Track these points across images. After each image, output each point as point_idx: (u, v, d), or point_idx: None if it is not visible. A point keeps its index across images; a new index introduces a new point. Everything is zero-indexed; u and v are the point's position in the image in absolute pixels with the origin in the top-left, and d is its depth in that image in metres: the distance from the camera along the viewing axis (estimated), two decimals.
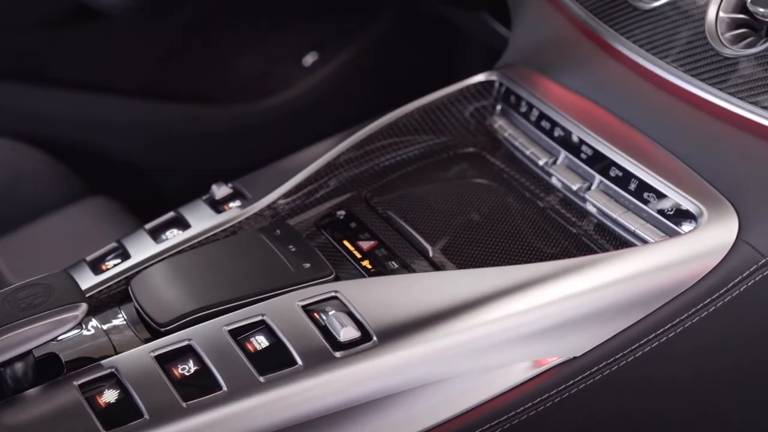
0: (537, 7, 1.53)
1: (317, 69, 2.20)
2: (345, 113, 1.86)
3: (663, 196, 1.24)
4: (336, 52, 2.20)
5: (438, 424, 1.13)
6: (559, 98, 1.40)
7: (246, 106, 2.12)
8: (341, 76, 2.20)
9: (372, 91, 2.23)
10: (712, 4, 1.29)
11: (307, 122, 2.11)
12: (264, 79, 2.16)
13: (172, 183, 2.03)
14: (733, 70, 1.25)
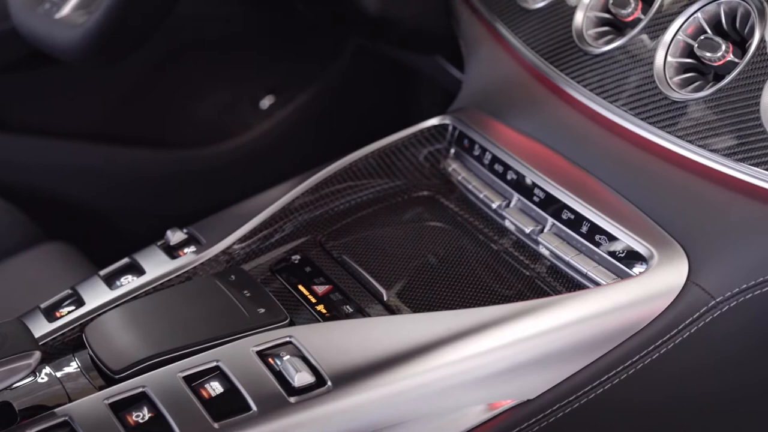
0: (488, 51, 1.54)
1: (274, 112, 2.21)
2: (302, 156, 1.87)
3: (614, 239, 1.25)
4: (293, 95, 2.21)
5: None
6: (511, 142, 1.41)
7: (203, 150, 2.12)
8: (298, 119, 2.21)
9: (329, 134, 2.24)
10: (660, 49, 1.31)
11: (264, 165, 2.12)
12: (221, 122, 2.17)
13: (129, 227, 2.03)
14: (682, 113, 1.27)
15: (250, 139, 2.17)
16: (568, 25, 1.43)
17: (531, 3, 1.49)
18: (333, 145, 1.72)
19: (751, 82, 1.22)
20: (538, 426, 1.18)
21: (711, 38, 1.27)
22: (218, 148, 2.13)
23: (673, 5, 1.33)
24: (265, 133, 2.18)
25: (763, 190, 1.18)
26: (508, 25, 1.51)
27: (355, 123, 2.22)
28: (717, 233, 1.20)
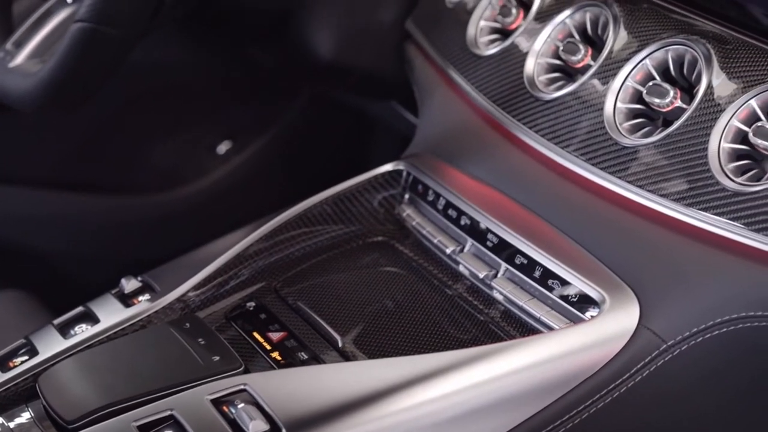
0: (442, 97, 1.56)
1: (231, 157, 2.21)
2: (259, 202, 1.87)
3: (567, 283, 1.26)
4: (250, 140, 2.22)
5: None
6: (464, 187, 1.43)
7: (160, 196, 2.12)
8: (255, 165, 2.21)
9: (286, 179, 2.25)
10: (609, 95, 1.33)
11: (220, 211, 2.12)
12: (178, 168, 2.17)
13: (86, 274, 2.02)
14: (632, 159, 1.29)
15: (207, 184, 2.17)
16: (520, 72, 1.44)
17: (483, 50, 1.51)
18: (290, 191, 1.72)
19: (698, 128, 1.23)
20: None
21: (659, 84, 1.28)
22: (175, 194, 2.13)
23: (622, 52, 1.34)
24: (222, 178, 2.18)
25: (711, 235, 1.19)
26: (461, 72, 1.52)
27: (312, 168, 2.23)
28: (667, 277, 1.21)
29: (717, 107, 1.23)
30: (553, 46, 1.43)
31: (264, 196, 2.17)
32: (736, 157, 1.21)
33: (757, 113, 1.21)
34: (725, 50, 1.26)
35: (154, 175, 2.13)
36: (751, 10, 1.26)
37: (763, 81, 1.21)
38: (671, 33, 1.32)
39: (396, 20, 1.69)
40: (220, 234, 1.49)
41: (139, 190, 2.10)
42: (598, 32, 1.40)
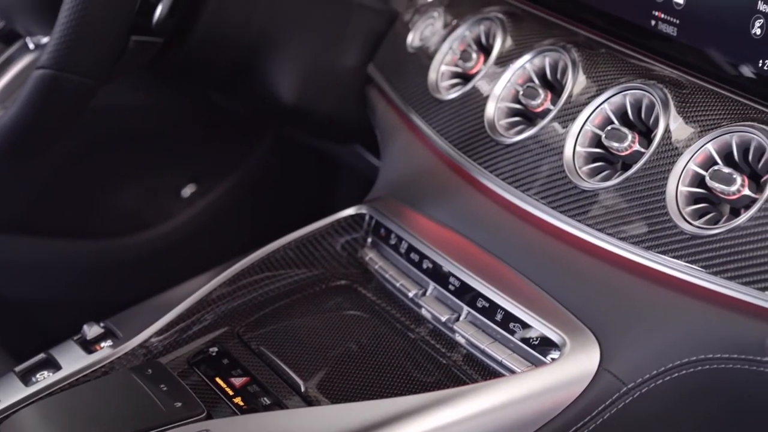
0: (404, 141, 1.57)
1: (196, 200, 2.21)
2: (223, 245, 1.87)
3: (528, 327, 1.27)
4: (215, 183, 2.22)
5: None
6: (426, 231, 1.43)
7: (123, 240, 2.11)
8: (220, 208, 2.21)
9: (251, 222, 2.25)
10: (569, 139, 1.34)
11: (185, 255, 2.11)
12: (141, 211, 2.16)
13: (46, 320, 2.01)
14: (591, 202, 1.30)
15: (171, 228, 2.17)
16: (481, 116, 1.45)
17: (444, 94, 1.52)
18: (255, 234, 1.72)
19: (656, 171, 1.25)
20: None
21: (618, 129, 1.30)
22: (139, 237, 2.13)
23: (581, 96, 1.36)
24: (186, 222, 2.18)
25: (670, 278, 1.20)
26: (423, 116, 1.53)
27: (277, 211, 2.23)
28: (627, 320, 1.22)
29: (674, 151, 1.25)
30: (513, 91, 1.45)
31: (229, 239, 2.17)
32: (694, 200, 1.23)
33: (713, 157, 1.22)
34: (682, 95, 1.28)
35: (117, 218, 2.13)
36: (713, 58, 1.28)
37: (719, 125, 1.23)
38: (629, 78, 1.34)
39: (358, 65, 1.70)
40: (184, 278, 1.49)
41: (102, 234, 2.10)
42: (558, 77, 1.42)
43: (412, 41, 1.63)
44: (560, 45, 1.42)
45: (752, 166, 1.21)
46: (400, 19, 1.70)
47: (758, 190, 1.18)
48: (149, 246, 2.13)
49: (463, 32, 1.56)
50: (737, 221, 1.16)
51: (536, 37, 1.47)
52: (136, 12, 1.43)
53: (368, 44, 1.70)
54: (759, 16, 1.22)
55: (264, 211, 2.25)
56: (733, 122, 1.22)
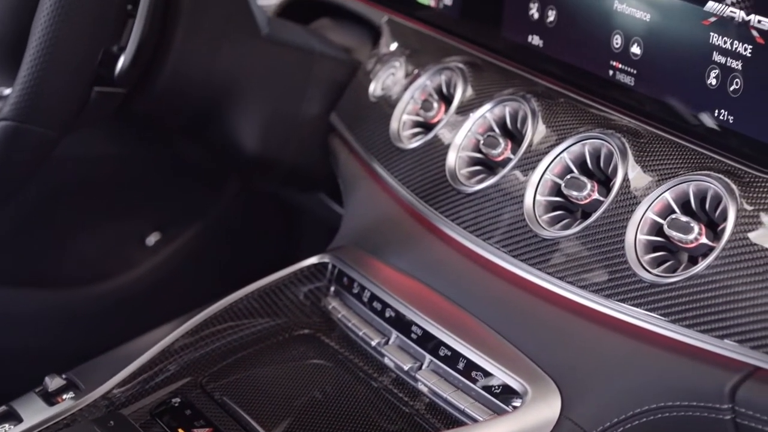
0: (366, 190, 1.58)
1: (160, 249, 2.20)
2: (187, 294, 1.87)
3: (489, 375, 1.27)
4: (179, 231, 2.22)
5: None
6: (389, 279, 1.44)
7: (86, 289, 2.10)
8: (185, 256, 2.21)
9: (216, 270, 2.24)
10: (529, 188, 1.35)
11: (149, 304, 2.11)
12: (105, 260, 2.16)
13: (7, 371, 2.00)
14: (552, 250, 1.31)
15: (135, 277, 2.16)
16: (442, 165, 1.46)
17: (406, 143, 1.53)
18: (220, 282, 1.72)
19: (615, 220, 1.26)
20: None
21: (577, 178, 1.31)
22: (102, 287, 2.12)
23: (541, 145, 1.37)
24: (150, 270, 2.18)
25: (630, 326, 1.21)
26: (385, 165, 1.54)
27: (241, 259, 2.23)
28: (588, 368, 1.23)
29: (633, 200, 1.26)
30: (473, 140, 1.46)
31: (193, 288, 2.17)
32: (653, 248, 1.24)
33: (671, 205, 1.23)
34: (640, 144, 1.30)
35: (80, 267, 2.12)
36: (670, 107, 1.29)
37: (676, 174, 1.24)
38: (588, 127, 1.35)
39: (320, 114, 1.71)
40: (148, 328, 1.48)
41: (65, 284, 2.09)
42: (518, 126, 1.43)
43: (374, 90, 1.64)
44: (520, 95, 1.44)
45: (709, 215, 1.22)
46: (363, 69, 1.71)
47: (715, 238, 1.19)
48: (113, 295, 2.13)
49: (424, 82, 1.57)
50: (695, 269, 1.18)
51: (496, 86, 1.48)
52: (99, 63, 1.43)
53: (330, 93, 1.72)
54: (714, 67, 1.24)
55: (228, 260, 2.25)
56: (690, 171, 1.24)
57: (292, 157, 1.73)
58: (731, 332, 1.13)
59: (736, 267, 1.15)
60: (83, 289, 2.10)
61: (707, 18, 1.24)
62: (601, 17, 1.36)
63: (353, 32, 1.82)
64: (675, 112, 1.29)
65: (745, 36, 1.20)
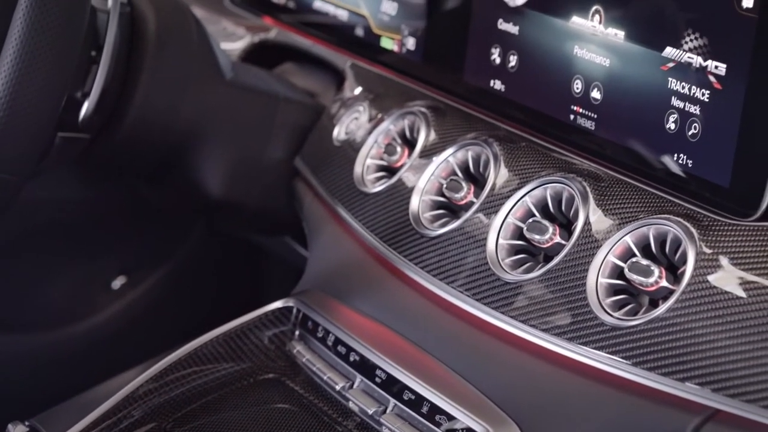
0: (331, 233, 1.58)
1: (126, 292, 2.20)
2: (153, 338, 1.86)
3: (453, 418, 1.28)
4: (145, 274, 2.21)
5: None
6: (353, 324, 1.44)
7: (50, 334, 2.10)
8: (150, 300, 2.21)
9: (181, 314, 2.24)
10: (491, 232, 1.36)
11: (114, 349, 2.10)
12: (70, 304, 2.15)
13: None
14: (515, 294, 1.31)
15: (100, 321, 2.16)
16: (405, 209, 1.47)
17: (370, 187, 1.54)
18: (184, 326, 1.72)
19: (577, 264, 1.27)
20: None
21: (539, 221, 1.32)
22: (67, 331, 2.11)
23: (503, 189, 1.38)
24: (116, 314, 2.17)
25: (592, 369, 1.22)
26: (349, 209, 1.55)
27: (207, 302, 2.23)
28: (551, 411, 1.23)
29: (594, 243, 1.27)
30: (437, 184, 1.47)
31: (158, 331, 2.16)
32: (614, 291, 1.25)
33: (632, 249, 1.24)
34: (600, 188, 1.31)
35: (44, 312, 2.11)
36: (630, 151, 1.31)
37: (636, 218, 1.25)
38: (549, 171, 1.36)
39: (285, 158, 1.72)
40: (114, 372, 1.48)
41: (28, 329, 2.08)
42: (480, 170, 1.44)
43: (338, 134, 1.65)
44: (482, 139, 1.45)
45: (669, 258, 1.23)
46: (327, 113, 1.72)
47: (675, 281, 1.20)
48: (78, 340, 2.12)
49: (387, 126, 1.58)
50: (656, 312, 1.19)
51: (459, 131, 1.50)
52: (62, 109, 1.43)
53: (295, 138, 1.72)
54: (673, 112, 1.25)
55: (194, 303, 2.25)
56: (650, 215, 1.25)
57: (256, 201, 1.73)
58: (692, 375, 1.14)
59: (696, 310, 1.16)
60: (48, 333, 2.09)
61: (665, 63, 1.26)
62: (562, 62, 1.38)
63: (317, 77, 1.83)
64: (635, 156, 1.30)
65: (702, 81, 1.22)
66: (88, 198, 2.12)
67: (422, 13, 1.60)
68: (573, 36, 1.36)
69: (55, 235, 2.11)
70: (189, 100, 1.63)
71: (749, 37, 1.17)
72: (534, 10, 1.41)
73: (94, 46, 1.52)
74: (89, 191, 2.11)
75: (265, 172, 1.72)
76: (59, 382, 1.81)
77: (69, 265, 2.15)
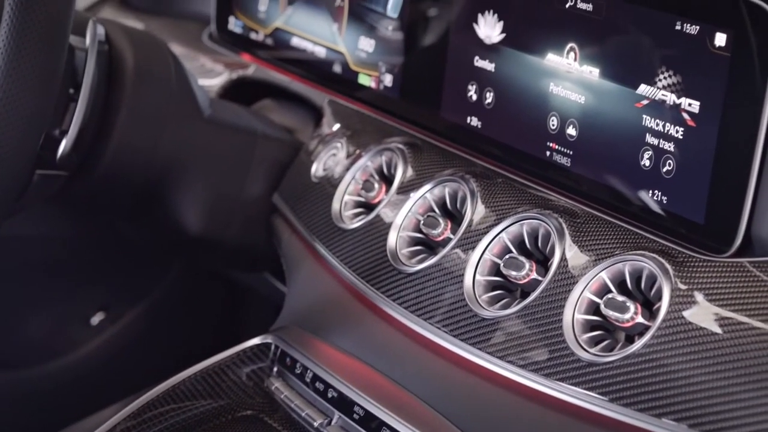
0: (309, 270, 1.58)
1: (105, 329, 2.20)
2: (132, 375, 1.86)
3: None
4: (123, 311, 2.21)
5: None
6: (331, 360, 1.44)
7: (29, 371, 2.09)
8: (129, 336, 2.20)
9: (161, 350, 2.24)
10: (469, 268, 1.37)
11: (93, 385, 2.09)
12: (49, 341, 2.14)
13: None
14: (492, 330, 1.32)
15: (79, 357, 2.15)
16: (383, 245, 1.48)
17: (348, 223, 1.54)
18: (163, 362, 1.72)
19: (553, 300, 1.27)
20: None
21: (515, 258, 1.33)
22: (45, 368, 2.10)
23: (480, 226, 1.39)
24: (95, 351, 2.17)
25: (570, 405, 1.22)
26: (327, 245, 1.55)
27: (186, 338, 2.22)
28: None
29: (571, 279, 1.27)
30: (414, 220, 1.47)
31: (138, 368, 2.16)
32: (590, 327, 1.25)
33: (607, 285, 1.25)
34: (576, 224, 1.32)
35: (23, 349, 2.10)
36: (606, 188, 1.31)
37: (612, 254, 1.26)
38: (526, 207, 1.37)
39: (263, 194, 1.72)
40: (93, 409, 1.48)
41: (6, 365, 2.07)
42: (458, 206, 1.45)
43: (316, 171, 1.66)
44: (459, 175, 1.46)
45: (645, 294, 1.24)
46: (305, 149, 1.73)
47: (651, 317, 1.21)
48: (57, 376, 2.11)
49: (365, 162, 1.59)
50: (632, 348, 1.19)
51: (436, 167, 1.50)
52: (40, 147, 1.43)
53: (273, 174, 1.73)
54: (648, 148, 1.26)
55: (173, 339, 2.24)
56: (626, 251, 1.26)
57: (235, 238, 1.73)
58: (669, 411, 1.14)
59: (671, 346, 1.16)
60: (26, 370, 2.08)
61: (640, 101, 1.27)
62: (538, 99, 1.39)
63: (295, 113, 1.84)
64: (610, 192, 1.31)
65: (676, 118, 1.23)
66: (66, 234, 2.12)
67: (399, 50, 1.61)
68: (548, 73, 1.37)
69: (33, 272, 2.11)
70: (167, 137, 1.63)
71: (722, 75, 1.18)
72: (510, 47, 1.43)
73: (73, 84, 1.52)
74: (67, 228, 2.10)
75: (243, 208, 1.72)
76: (38, 419, 1.81)
77: (48, 301, 2.14)
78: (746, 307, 1.14)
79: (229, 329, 2.26)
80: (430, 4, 1.56)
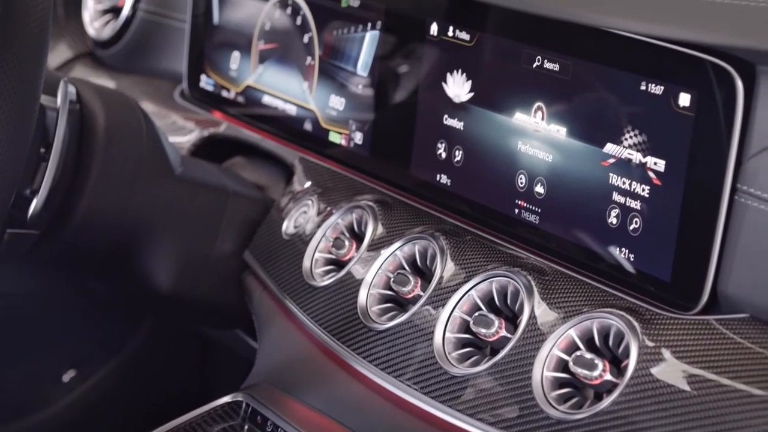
0: (280, 327, 1.58)
1: (76, 386, 2.19)
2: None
3: None
4: (95, 368, 2.20)
5: None
6: (302, 418, 1.44)
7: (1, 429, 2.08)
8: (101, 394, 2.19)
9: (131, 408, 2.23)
10: (438, 325, 1.37)
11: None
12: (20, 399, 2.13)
13: None
14: (462, 387, 1.32)
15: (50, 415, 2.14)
16: (354, 302, 1.48)
17: (318, 281, 1.55)
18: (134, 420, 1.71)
19: (522, 357, 1.28)
20: None
21: (485, 315, 1.33)
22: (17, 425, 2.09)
23: (450, 283, 1.40)
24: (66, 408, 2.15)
25: None
26: (297, 302, 1.56)
27: (158, 396, 2.22)
28: None
29: (539, 337, 1.28)
30: (384, 277, 1.48)
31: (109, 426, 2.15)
32: (559, 385, 1.26)
33: (576, 342, 1.26)
34: (545, 281, 1.32)
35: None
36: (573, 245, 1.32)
37: (580, 311, 1.27)
38: (495, 264, 1.38)
39: (234, 252, 1.72)
40: None
41: None
42: (427, 263, 1.46)
43: (287, 228, 1.66)
44: (429, 233, 1.46)
45: (613, 351, 1.24)
46: (276, 207, 1.74)
47: (619, 374, 1.22)
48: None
49: (336, 220, 1.59)
50: (600, 406, 1.20)
51: (406, 224, 1.51)
52: (11, 206, 1.44)
53: (244, 232, 1.73)
54: (614, 206, 1.28)
55: (144, 395, 2.23)
56: (594, 308, 1.27)
57: (206, 295, 1.73)
58: None
59: (639, 403, 1.17)
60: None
61: (606, 159, 1.28)
62: (506, 158, 1.40)
63: (267, 170, 1.85)
64: (578, 250, 1.32)
65: (642, 177, 1.25)
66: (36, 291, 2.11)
67: (369, 108, 1.63)
68: (516, 132, 1.39)
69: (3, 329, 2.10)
70: (138, 196, 1.64)
71: (686, 135, 1.20)
72: (478, 106, 1.44)
73: (44, 143, 1.52)
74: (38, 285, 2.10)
75: (214, 266, 1.72)
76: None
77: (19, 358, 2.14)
78: (713, 365, 1.15)
79: (201, 386, 2.26)
80: (400, 63, 1.57)
